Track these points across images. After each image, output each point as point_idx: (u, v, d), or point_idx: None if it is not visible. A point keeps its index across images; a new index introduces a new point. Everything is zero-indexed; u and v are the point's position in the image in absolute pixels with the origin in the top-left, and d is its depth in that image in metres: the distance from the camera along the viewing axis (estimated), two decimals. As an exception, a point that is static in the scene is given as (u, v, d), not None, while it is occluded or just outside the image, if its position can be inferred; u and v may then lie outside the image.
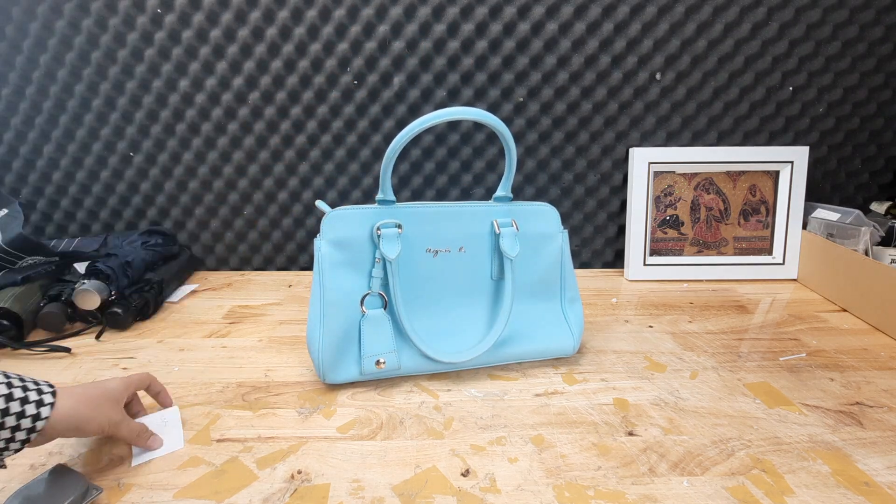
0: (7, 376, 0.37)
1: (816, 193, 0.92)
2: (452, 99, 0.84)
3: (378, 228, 0.55)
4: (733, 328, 0.70)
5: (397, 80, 0.83)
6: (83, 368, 0.60)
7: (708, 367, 0.60)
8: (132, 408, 0.49)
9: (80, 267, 0.77)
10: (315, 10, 0.79)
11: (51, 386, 0.40)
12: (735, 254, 0.90)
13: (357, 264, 0.55)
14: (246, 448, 0.46)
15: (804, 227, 0.87)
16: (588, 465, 0.44)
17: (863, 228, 0.78)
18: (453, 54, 0.82)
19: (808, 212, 0.88)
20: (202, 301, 0.79)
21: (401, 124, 0.85)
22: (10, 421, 0.36)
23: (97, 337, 0.67)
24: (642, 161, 0.86)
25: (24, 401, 0.37)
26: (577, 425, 0.50)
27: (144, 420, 0.48)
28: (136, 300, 0.71)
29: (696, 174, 0.88)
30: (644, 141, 0.88)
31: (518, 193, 0.89)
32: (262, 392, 0.55)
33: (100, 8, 0.78)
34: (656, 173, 0.88)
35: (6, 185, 0.87)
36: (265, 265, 0.94)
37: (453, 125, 0.86)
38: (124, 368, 0.60)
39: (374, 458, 0.45)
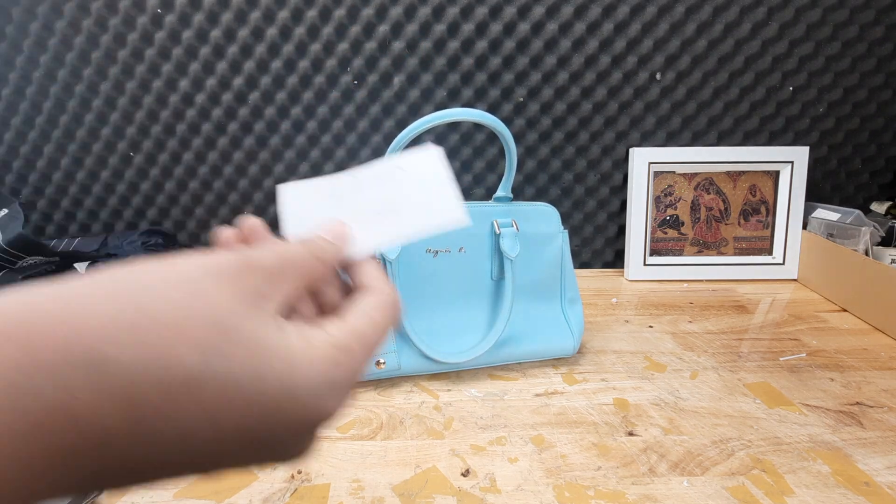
0: None
1: (816, 193, 0.92)
2: (452, 99, 0.84)
3: (378, 228, 0.55)
4: (733, 328, 0.70)
5: (397, 80, 0.83)
6: (83, 368, 0.60)
7: (708, 367, 0.60)
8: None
9: (80, 267, 0.77)
10: (315, 10, 0.79)
11: None
12: (735, 254, 0.90)
13: (357, 264, 0.55)
14: (246, 448, 0.46)
15: (804, 227, 0.87)
16: (588, 465, 0.44)
17: (863, 228, 0.78)
18: (453, 54, 0.82)
19: (808, 212, 0.88)
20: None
21: (401, 124, 0.85)
22: None
23: (97, 337, 0.67)
24: (642, 161, 0.86)
25: None
26: (577, 425, 0.50)
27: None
28: (136, 300, 0.71)
29: (696, 174, 0.88)
30: (644, 141, 0.88)
31: (518, 193, 0.89)
32: (262, 392, 0.55)
33: (100, 8, 0.78)
34: (656, 173, 0.88)
35: (6, 185, 0.87)
36: (265, 265, 0.94)
37: (453, 125, 0.86)
38: (124, 368, 0.60)
39: (374, 458, 0.45)
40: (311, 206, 0.29)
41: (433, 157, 0.30)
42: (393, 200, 0.29)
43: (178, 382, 0.16)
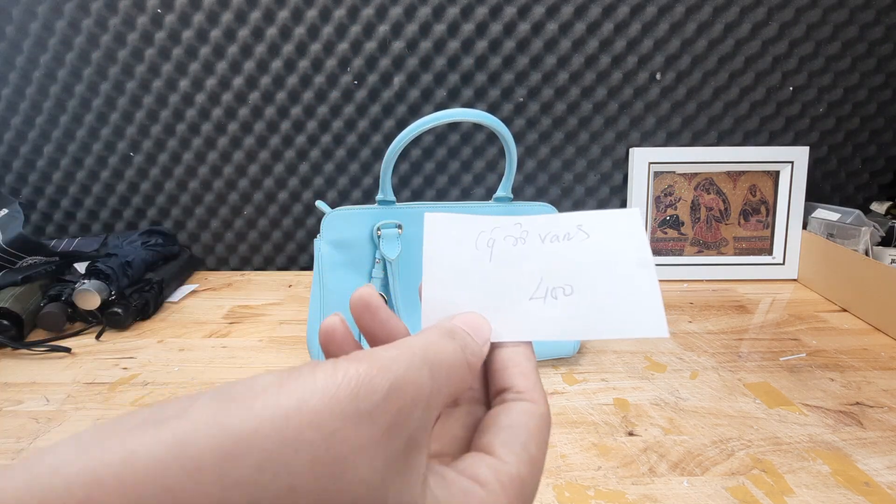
0: None
1: (816, 193, 0.92)
2: (452, 99, 0.84)
3: (378, 229, 0.55)
4: (733, 328, 0.70)
5: (397, 80, 0.83)
6: (83, 368, 0.60)
7: (708, 367, 0.60)
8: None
9: (80, 267, 0.77)
10: (315, 10, 0.79)
11: None
12: (735, 254, 0.90)
13: (357, 265, 0.55)
14: (246, 448, 0.46)
15: (804, 227, 0.87)
16: (588, 465, 0.44)
17: (863, 228, 0.78)
18: (453, 54, 0.82)
19: (808, 212, 0.88)
20: (202, 301, 0.79)
21: (401, 124, 0.85)
22: None
23: (97, 337, 0.67)
24: (642, 161, 0.86)
25: None
26: (577, 425, 0.50)
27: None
28: (136, 300, 0.71)
29: (696, 174, 0.88)
30: (644, 141, 0.88)
31: (518, 193, 0.89)
32: (262, 392, 0.55)
33: (100, 8, 0.78)
34: (656, 173, 0.88)
35: (6, 185, 0.87)
36: (265, 265, 0.94)
37: (453, 125, 0.86)
38: (124, 368, 0.60)
39: (374, 459, 0.45)
40: (459, 249, 0.23)
41: (630, 221, 0.23)
42: (570, 276, 0.22)
43: None
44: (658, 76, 0.84)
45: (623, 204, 0.91)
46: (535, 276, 0.22)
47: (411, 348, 0.16)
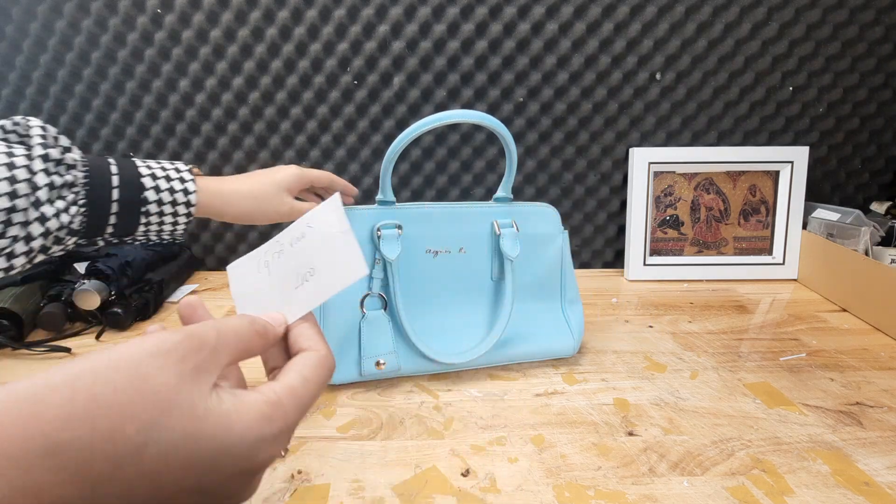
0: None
1: (816, 193, 0.92)
2: (452, 99, 0.84)
3: (378, 229, 0.55)
4: (733, 328, 0.70)
5: (397, 80, 0.83)
6: (83, 368, 0.60)
7: (708, 367, 0.60)
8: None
9: (80, 267, 0.77)
10: (315, 10, 0.79)
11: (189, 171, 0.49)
12: (735, 254, 0.90)
13: (357, 264, 0.55)
14: (246, 448, 0.46)
15: (804, 227, 0.87)
16: (588, 465, 0.44)
17: (863, 228, 0.78)
18: (453, 54, 0.82)
19: (808, 212, 0.88)
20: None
21: (401, 124, 0.85)
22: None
23: (97, 337, 0.67)
24: (642, 161, 0.86)
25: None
26: (577, 425, 0.50)
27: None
28: (136, 300, 0.71)
29: (696, 174, 0.88)
30: (644, 141, 0.88)
31: (518, 193, 0.89)
32: (263, 392, 0.55)
33: (100, 8, 0.78)
34: (656, 173, 0.88)
35: (6, 185, 0.87)
36: (265, 265, 0.94)
37: (453, 125, 0.86)
38: (124, 368, 0.60)
39: (374, 459, 0.45)
40: (251, 279, 0.34)
41: (331, 207, 0.32)
42: (310, 261, 0.31)
43: (123, 454, 0.19)
44: (658, 76, 0.84)
45: (623, 204, 0.91)
46: (294, 272, 0.31)
47: (208, 321, 0.25)
